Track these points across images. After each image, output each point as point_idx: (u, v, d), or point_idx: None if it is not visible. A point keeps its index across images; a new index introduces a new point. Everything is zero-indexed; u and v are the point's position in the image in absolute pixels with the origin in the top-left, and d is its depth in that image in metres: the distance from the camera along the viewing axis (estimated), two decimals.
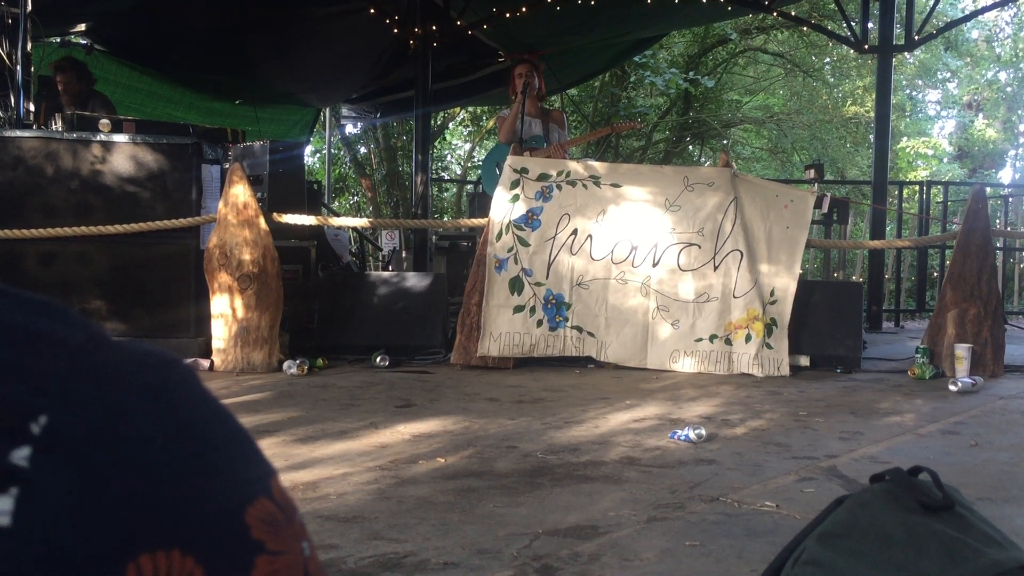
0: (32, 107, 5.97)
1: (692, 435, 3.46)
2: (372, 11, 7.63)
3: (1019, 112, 22.21)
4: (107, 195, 5.42)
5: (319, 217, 6.42)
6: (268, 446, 3.33)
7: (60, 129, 5.50)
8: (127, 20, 8.15)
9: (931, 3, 10.43)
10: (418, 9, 7.61)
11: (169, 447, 0.41)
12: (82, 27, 8.55)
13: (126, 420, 0.40)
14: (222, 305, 5.29)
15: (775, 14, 9.24)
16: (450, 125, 17.88)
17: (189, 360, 5.27)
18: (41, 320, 0.41)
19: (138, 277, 5.47)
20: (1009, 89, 21.84)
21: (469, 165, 17.60)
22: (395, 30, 7.72)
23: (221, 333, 5.31)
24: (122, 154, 5.43)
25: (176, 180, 5.49)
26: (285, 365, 5.26)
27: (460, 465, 3.08)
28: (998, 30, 21.70)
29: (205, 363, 5.29)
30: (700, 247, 5.49)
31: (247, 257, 5.27)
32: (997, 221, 9.87)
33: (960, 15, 15.46)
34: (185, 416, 0.42)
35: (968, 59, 21.07)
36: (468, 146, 18.81)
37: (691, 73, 14.81)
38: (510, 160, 5.81)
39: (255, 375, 5.19)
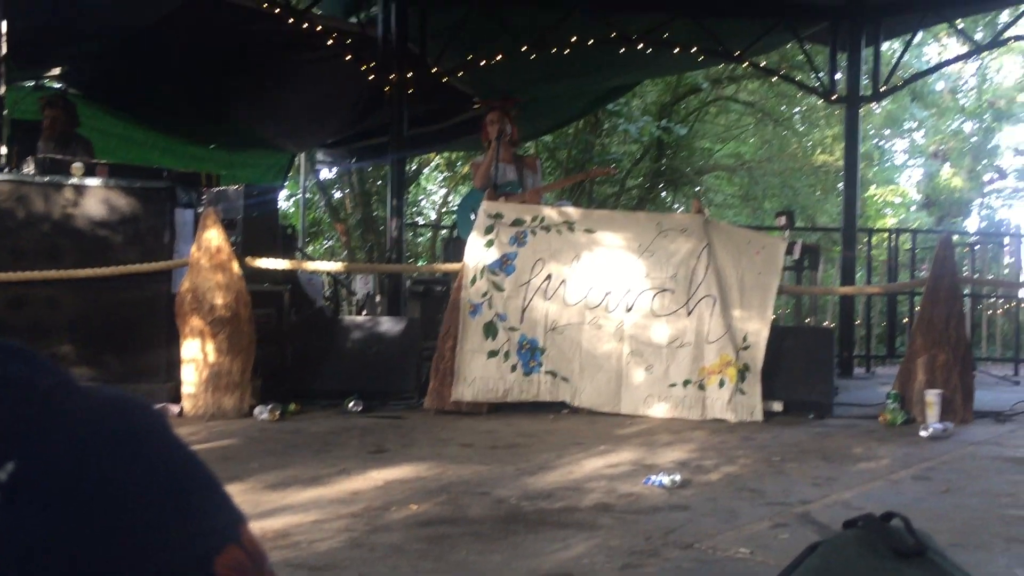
0: (4, 150, 5.94)
1: (666, 481, 3.45)
2: (348, 57, 7.69)
3: (984, 162, 22.65)
4: (78, 239, 5.38)
5: (293, 261, 6.41)
6: (238, 493, 3.28)
7: (32, 173, 5.47)
8: (102, 64, 8.16)
9: (897, 55, 10.67)
10: (394, 56, 7.68)
11: (138, 494, 0.40)
12: (56, 71, 8.55)
13: (94, 466, 0.39)
14: (193, 350, 5.24)
15: (746, 64, 9.42)
16: (425, 170, 17.95)
17: (158, 406, 5.20)
18: (9, 365, 0.41)
19: (109, 321, 5.41)
20: (974, 139, 22.30)
21: (444, 210, 17.65)
22: (371, 76, 7.77)
23: (192, 378, 5.25)
24: (94, 198, 5.40)
25: (149, 224, 5.46)
26: (256, 410, 5.20)
27: (433, 512, 3.05)
28: (962, 82, 22.23)
29: (175, 408, 5.22)
30: (673, 292, 5.52)
31: (219, 301, 5.23)
32: (964, 268, 10.01)
33: (925, 67, 15.82)
34: (154, 462, 0.42)
35: (934, 110, 21.51)
36: (443, 191, 18.88)
37: (664, 121, 15.00)
38: (485, 205, 5.83)
39: (226, 420, 5.13)
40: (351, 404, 5.45)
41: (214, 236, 5.30)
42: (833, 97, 8.86)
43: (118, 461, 0.41)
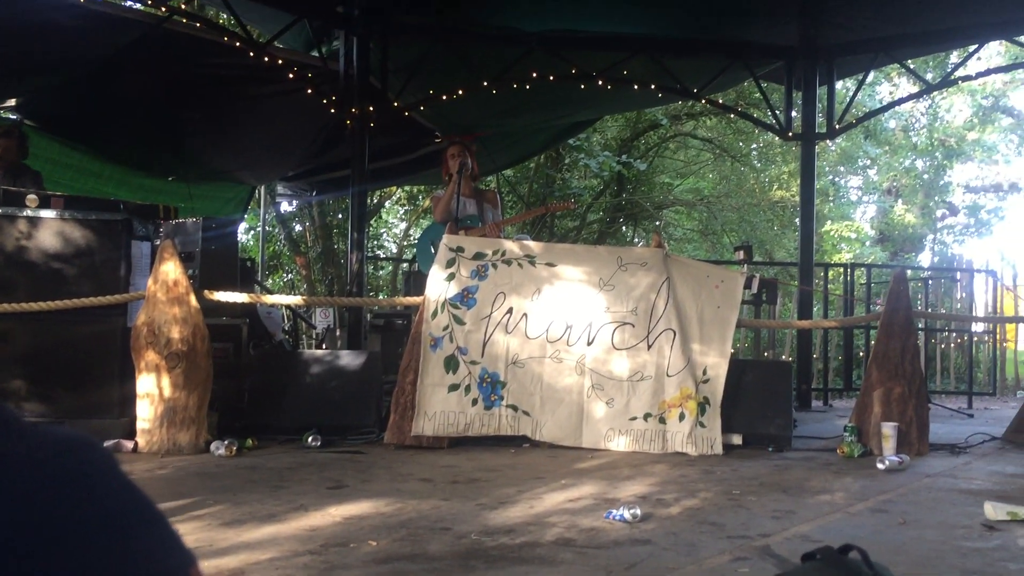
0: None
1: (627, 515, 3.44)
2: (309, 91, 7.69)
3: (936, 198, 23.15)
4: (32, 271, 5.29)
5: (252, 295, 6.35)
6: (192, 530, 3.22)
7: None
8: (59, 95, 8.08)
9: (851, 94, 10.91)
10: (356, 90, 7.69)
11: (83, 537, 0.39)
12: (12, 102, 8.45)
13: (37, 509, 0.38)
14: (148, 384, 5.16)
15: (704, 101, 9.57)
16: (386, 204, 17.94)
17: (111, 442, 5.11)
18: None
19: (61, 356, 5.31)
20: (926, 176, 22.81)
21: (405, 243, 17.63)
22: (332, 110, 7.78)
23: (146, 413, 5.16)
24: (49, 230, 5.33)
25: (104, 257, 5.39)
26: (213, 446, 5.12)
27: (392, 548, 3.01)
28: (914, 120, 22.76)
29: (129, 444, 5.12)
30: (634, 326, 5.55)
31: (176, 335, 5.16)
32: (918, 303, 10.19)
33: (878, 106, 16.19)
34: (101, 504, 0.41)
35: (886, 147, 21.98)
36: (404, 225, 18.88)
37: (624, 156, 15.17)
38: (446, 239, 5.84)
39: (181, 456, 5.04)
40: (310, 439, 5.39)
41: (171, 269, 5.24)
42: (789, 134, 9.02)
43: (61, 504, 0.40)
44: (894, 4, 7.92)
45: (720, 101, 10.61)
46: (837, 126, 9.03)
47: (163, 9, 6.99)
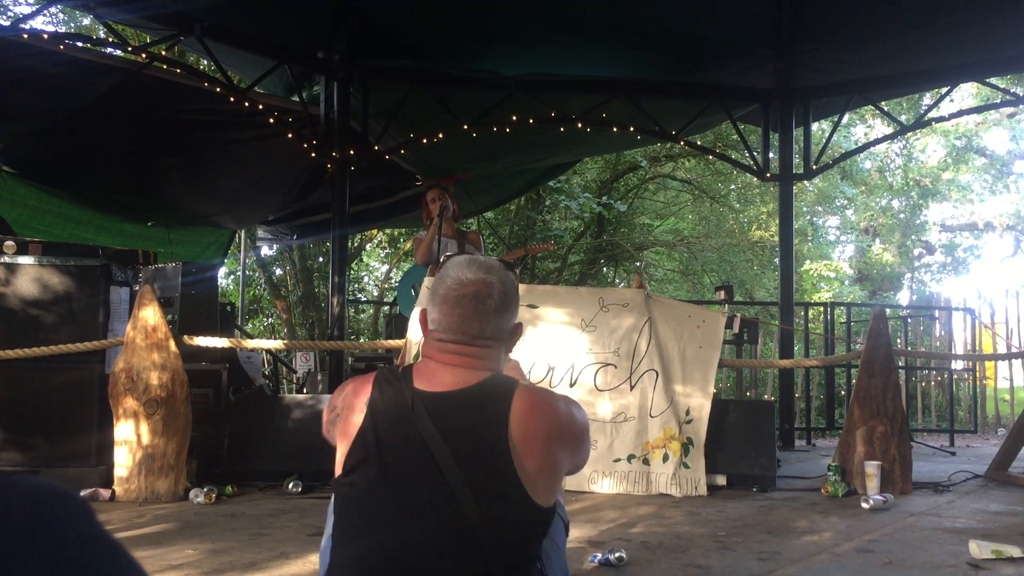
0: None
1: (612, 558, 3.41)
2: (290, 135, 7.71)
3: (912, 237, 23.39)
4: (8, 318, 5.24)
5: (232, 340, 6.30)
6: None
7: None
8: (38, 141, 8.06)
9: (826, 135, 11.04)
10: (336, 134, 7.71)
11: None
12: None
13: (9, 562, 0.37)
14: (126, 431, 5.09)
15: (682, 143, 9.65)
16: (367, 247, 17.94)
17: (88, 491, 5.03)
18: None
19: (38, 403, 5.24)
20: (902, 216, 23.06)
21: (386, 286, 17.60)
22: (312, 154, 7.79)
23: (124, 461, 5.09)
24: (26, 276, 5.29)
25: (83, 303, 5.35)
26: (192, 493, 5.05)
27: None
28: (889, 161, 23.04)
29: (106, 493, 5.04)
30: (616, 367, 5.54)
31: (155, 381, 5.11)
32: (898, 341, 10.25)
33: (854, 147, 16.40)
34: (76, 557, 0.39)
35: (863, 188, 22.23)
36: (385, 267, 18.86)
37: (604, 197, 15.27)
38: (427, 281, 5.83)
39: (159, 504, 4.96)
40: (291, 485, 5.32)
41: (150, 314, 5.20)
42: (767, 175, 9.10)
43: (37, 556, 0.38)
44: (867, 47, 8.06)
45: (698, 143, 10.72)
46: (814, 167, 9.13)
47: (143, 56, 7.01)
